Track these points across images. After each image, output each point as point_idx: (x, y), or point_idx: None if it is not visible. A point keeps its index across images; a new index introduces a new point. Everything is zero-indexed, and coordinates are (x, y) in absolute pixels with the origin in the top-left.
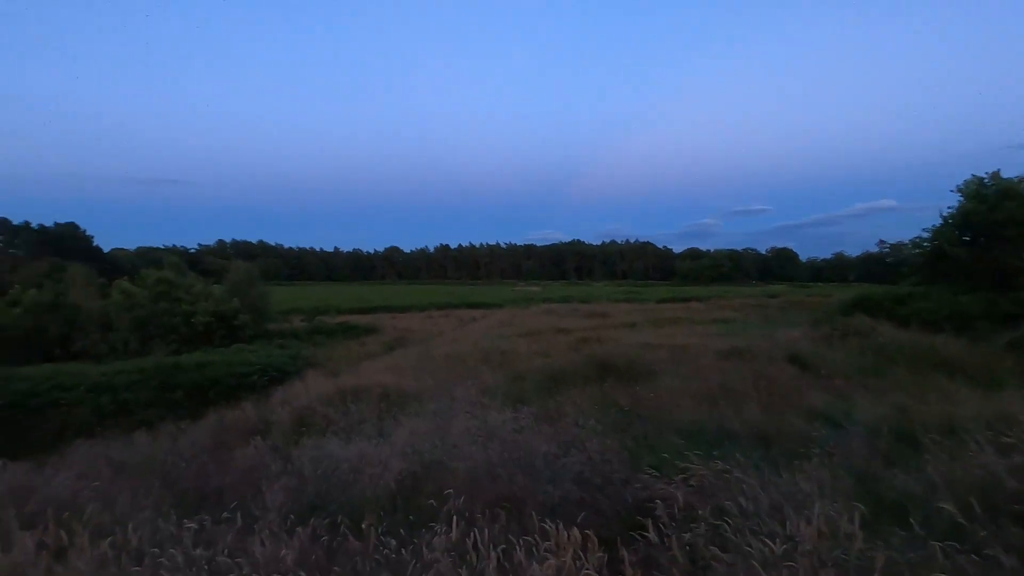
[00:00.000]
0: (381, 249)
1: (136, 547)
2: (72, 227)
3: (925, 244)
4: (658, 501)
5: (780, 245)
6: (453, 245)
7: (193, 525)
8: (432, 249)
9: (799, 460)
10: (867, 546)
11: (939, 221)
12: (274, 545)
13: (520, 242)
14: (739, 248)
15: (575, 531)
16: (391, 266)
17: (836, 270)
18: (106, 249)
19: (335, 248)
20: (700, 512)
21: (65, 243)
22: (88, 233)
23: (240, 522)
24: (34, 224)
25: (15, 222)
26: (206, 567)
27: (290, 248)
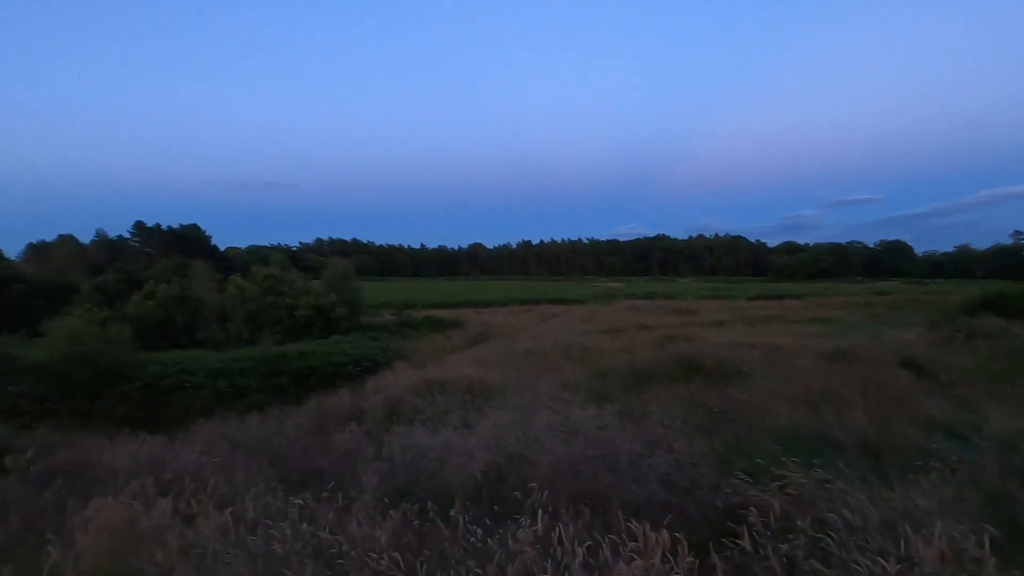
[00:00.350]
0: (465, 245)
1: (252, 518)
2: (194, 228)
3: None
4: (752, 508)
5: (891, 238)
6: (535, 241)
7: (299, 502)
8: (514, 245)
9: (914, 475)
10: (1000, 573)
11: None
12: (369, 526)
13: (603, 237)
14: (843, 241)
15: (664, 533)
16: (474, 262)
17: (959, 265)
18: (222, 248)
19: (421, 245)
20: (799, 523)
21: (188, 242)
22: (207, 233)
23: (339, 502)
24: (164, 226)
25: (149, 224)
26: (311, 541)
27: (380, 245)
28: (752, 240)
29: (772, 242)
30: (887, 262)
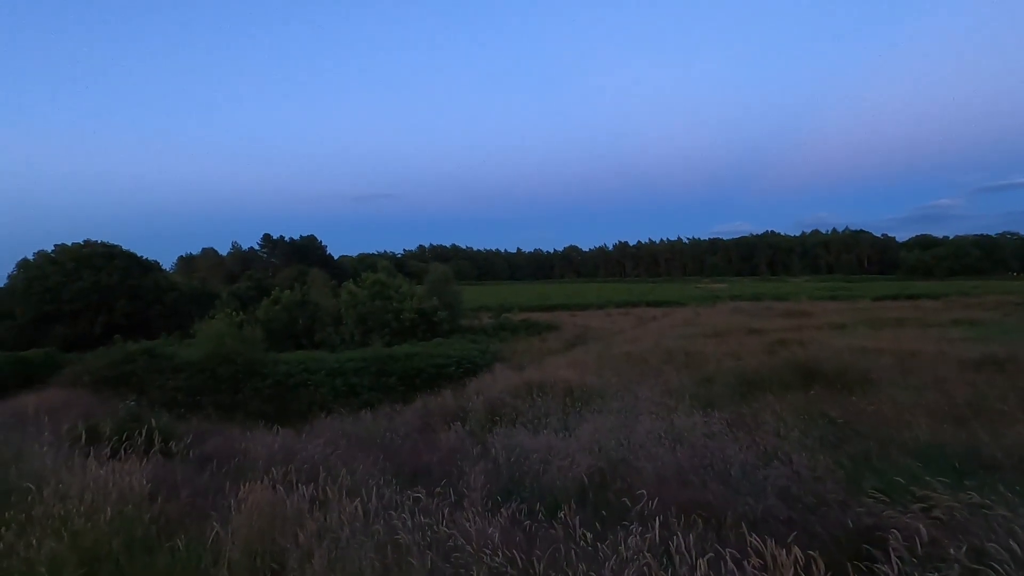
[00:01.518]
0: (560, 248)
1: (375, 508)
2: (312, 239)
3: None
4: (894, 531)
5: None
6: (632, 242)
7: (417, 495)
8: (610, 247)
9: None
10: None
11: None
12: (481, 522)
13: (704, 236)
14: (992, 233)
15: (796, 551)
16: (570, 265)
17: None
18: (335, 256)
19: (518, 249)
20: (952, 552)
21: (307, 252)
22: (323, 243)
23: (452, 497)
24: (286, 238)
25: (274, 236)
26: (428, 534)
27: (478, 250)
28: (877, 235)
29: (902, 236)
30: None
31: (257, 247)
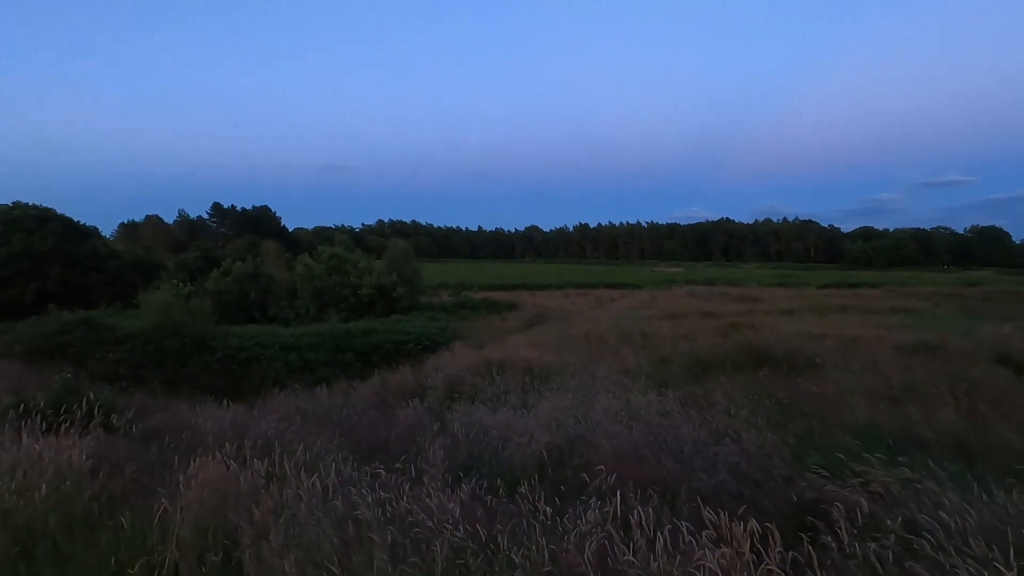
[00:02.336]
0: (521, 228)
1: (333, 484)
2: (265, 209)
3: None
4: (836, 504)
5: (984, 223)
6: (592, 224)
7: (378, 471)
8: (571, 228)
9: (1015, 480)
10: None
11: None
12: (441, 498)
13: (662, 221)
14: (928, 227)
15: (753, 522)
16: (531, 245)
17: None
18: (290, 228)
19: (479, 227)
20: (888, 523)
21: (260, 223)
22: (277, 214)
23: (412, 473)
24: (238, 207)
25: (225, 206)
26: (388, 509)
27: (438, 227)
28: (824, 225)
29: (847, 227)
30: (979, 250)
31: (206, 216)
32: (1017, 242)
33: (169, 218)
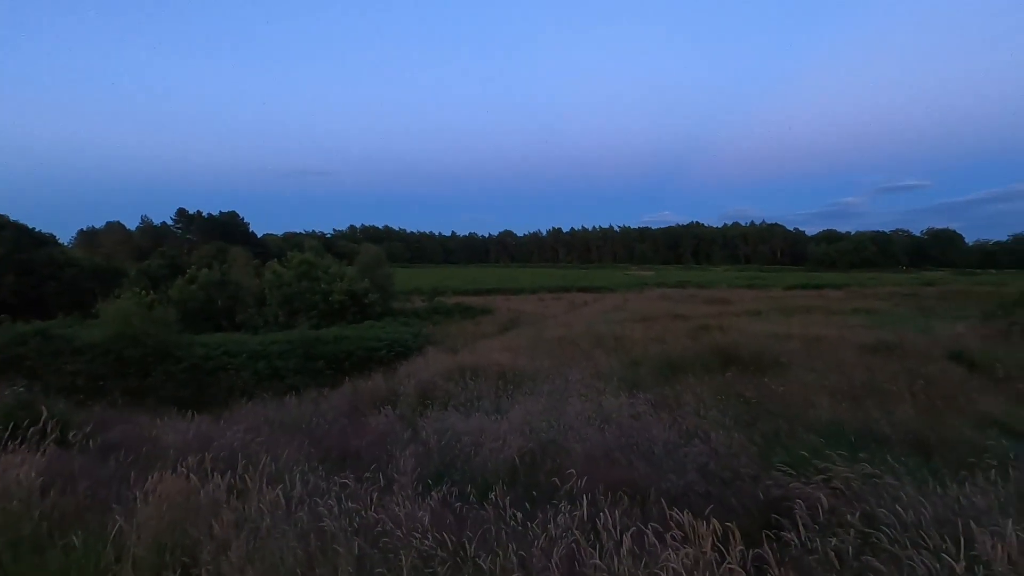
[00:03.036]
0: (495, 233)
1: (299, 495)
2: (233, 215)
3: None
4: (798, 501)
5: (940, 226)
6: (565, 228)
7: (343, 481)
8: (544, 233)
9: (968, 472)
10: None
11: None
12: (410, 506)
13: (634, 225)
14: (887, 230)
15: (714, 522)
16: (504, 249)
17: (1014, 254)
18: (259, 234)
19: (452, 232)
20: (848, 518)
21: (227, 229)
22: (245, 220)
23: (381, 482)
24: (204, 213)
25: (191, 211)
26: (355, 520)
27: (411, 232)
28: (790, 228)
29: (811, 230)
30: (935, 251)
31: (171, 222)
32: (969, 244)
33: (131, 224)
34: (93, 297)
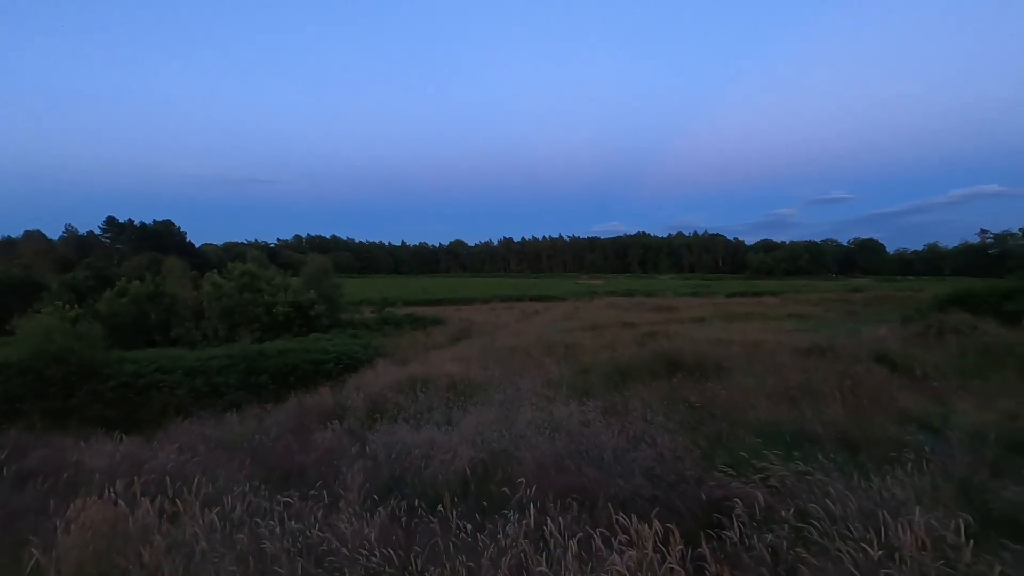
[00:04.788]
0: (446, 243)
1: (238, 516)
2: (168, 224)
3: None
4: (737, 500)
5: (865, 236)
6: (516, 238)
7: (285, 500)
8: (495, 242)
9: (890, 466)
10: (976, 559)
11: None
12: (357, 523)
13: (583, 235)
14: (818, 239)
15: (656, 524)
16: (455, 259)
17: (929, 263)
18: (197, 244)
19: (402, 242)
20: (783, 514)
21: (162, 239)
22: (182, 229)
23: (326, 500)
24: (136, 222)
25: (121, 220)
26: (299, 539)
27: (360, 242)
28: (730, 238)
29: (750, 240)
30: (860, 260)
31: (99, 231)
32: (891, 252)
33: (54, 234)
34: (9, 312)
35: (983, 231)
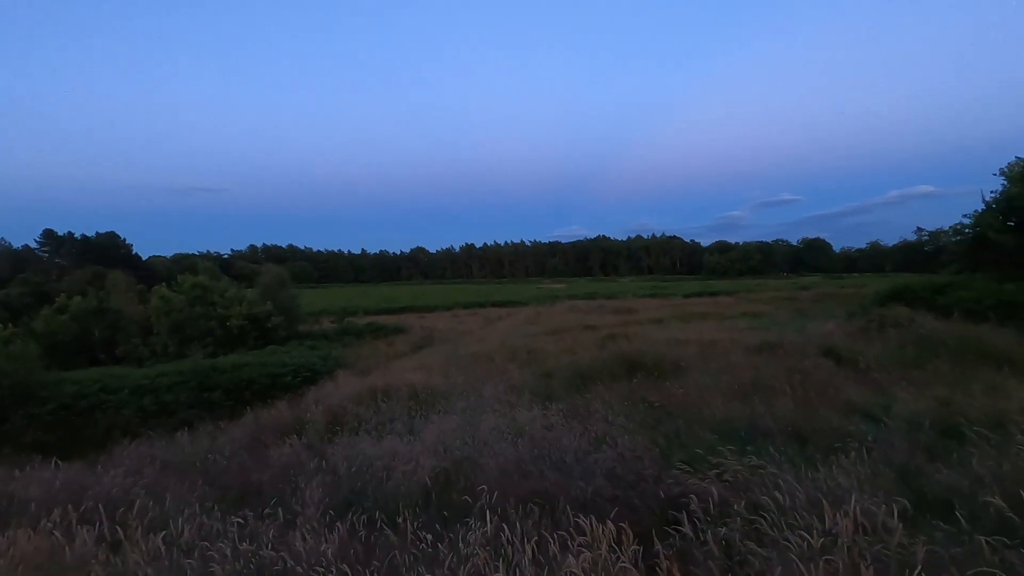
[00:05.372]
0: (407, 250)
1: (187, 541)
2: (112, 236)
3: (967, 230)
4: (692, 496)
5: (812, 236)
6: (478, 244)
7: (238, 520)
8: (457, 249)
9: (835, 455)
10: (907, 540)
11: (981, 206)
12: (314, 540)
13: (544, 239)
14: (769, 240)
15: (609, 525)
16: (417, 266)
17: (871, 260)
18: (144, 256)
19: (362, 250)
20: (735, 507)
21: (106, 252)
22: (127, 242)
23: (281, 518)
24: (77, 234)
25: (60, 232)
26: (252, 560)
27: (318, 251)
28: (687, 240)
29: (706, 241)
30: (809, 259)
31: (35, 245)
32: (837, 251)
33: None
34: None
35: (919, 229)
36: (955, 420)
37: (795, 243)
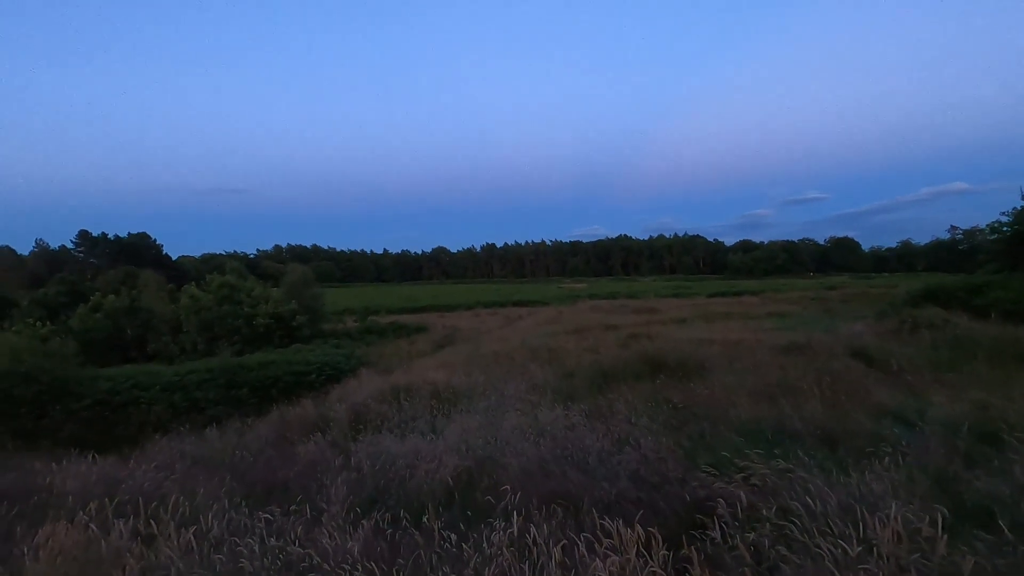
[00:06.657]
0: (428, 250)
1: (216, 536)
2: (144, 236)
3: (1004, 228)
4: (720, 500)
5: (840, 234)
6: (499, 244)
7: (266, 516)
8: (478, 248)
9: (868, 460)
10: (951, 551)
11: (1021, 203)
12: (340, 537)
13: (565, 239)
14: (795, 239)
15: (638, 528)
16: (438, 266)
17: (902, 259)
18: (174, 257)
19: (384, 250)
20: (764, 512)
21: (138, 252)
22: (158, 242)
23: (307, 514)
24: (110, 235)
25: (94, 234)
26: (280, 557)
27: (342, 251)
28: (710, 239)
29: (729, 241)
30: (836, 258)
31: (71, 246)
32: (866, 250)
33: (23, 249)
34: None
35: (953, 227)
36: (994, 425)
37: (822, 242)
